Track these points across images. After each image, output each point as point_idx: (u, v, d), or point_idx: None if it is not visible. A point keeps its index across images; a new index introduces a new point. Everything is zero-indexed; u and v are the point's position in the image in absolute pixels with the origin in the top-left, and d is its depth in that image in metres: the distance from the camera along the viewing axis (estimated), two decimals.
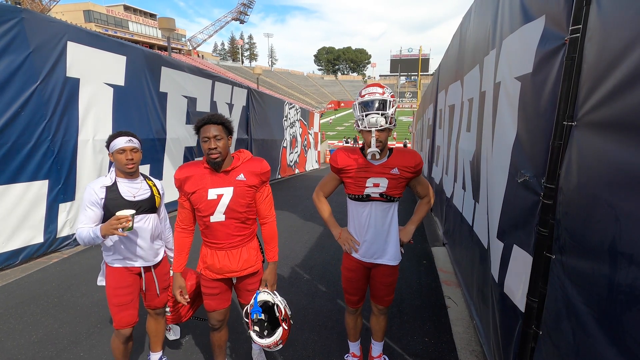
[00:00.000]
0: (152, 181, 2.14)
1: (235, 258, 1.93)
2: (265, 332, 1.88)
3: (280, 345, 1.87)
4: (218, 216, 1.85)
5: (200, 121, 1.81)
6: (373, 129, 1.80)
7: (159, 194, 2.13)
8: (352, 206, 2.07)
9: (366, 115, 1.82)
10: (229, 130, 1.85)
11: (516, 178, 1.74)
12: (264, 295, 1.91)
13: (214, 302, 1.99)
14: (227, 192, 1.84)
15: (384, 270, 2.08)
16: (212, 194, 1.83)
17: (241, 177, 1.87)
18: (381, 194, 1.95)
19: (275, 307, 1.90)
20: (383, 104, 1.82)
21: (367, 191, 1.95)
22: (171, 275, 2.24)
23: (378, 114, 1.80)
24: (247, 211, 1.91)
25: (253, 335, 1.87)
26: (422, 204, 2.14)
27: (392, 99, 1.85)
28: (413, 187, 2.08)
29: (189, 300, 2.00)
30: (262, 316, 1.88)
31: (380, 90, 1.85)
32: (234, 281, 2.04)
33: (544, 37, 1.50)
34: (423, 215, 2.14)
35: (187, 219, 1.94)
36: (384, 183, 1.93)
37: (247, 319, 1.91)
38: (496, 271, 2.05)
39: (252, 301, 1.91)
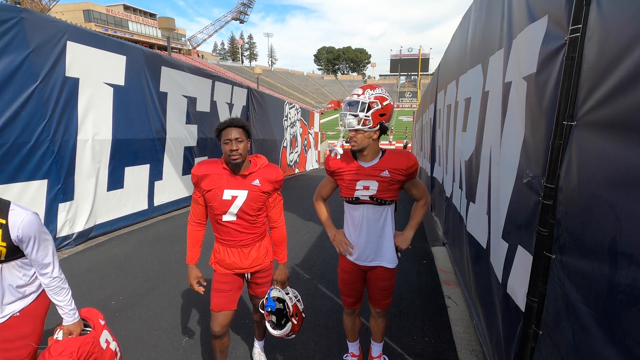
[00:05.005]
0: (5, 219, 1.47)
1: (244, 256, 2.02)
2: (283, 321, 2.04)
3: (293, 336, 2.04)
4: (230, 216, 1.94)
5: (222, 124, 1.87)
6: (342, 129, 1.90)
7: (9, 239, 1.48)
8: (346, 208, 2.07)
9: (344, 116, 1.89)
10: (248, 134, 1.93)
11: (523, 178, 1.73)
12: (276, 292, 2.04)
13: (222, 300, 2.01)
14: (242, 195, 1.91)
15: (379, 274, 2.06)
16: (227, 194, 1.90)
17: (256, 182, 1.94)
18: (371, 197, 1.92)
19: (285, 304, 2.01)
20: (360, 106, 1.83)
21: (356, 194, 1.95)
22: (30, 343, 1.81)
23: (352, 115, 1.83)
24: (257, 214, 1.99)
25: (268, 325, 2.02)
26: (417, 207, 2.09)
27: (371, 101, 1.82)
28: (408, 189, 2.04)
29: (203, 289, 2.05)
30: (276, 309, 2.05)
31: (360, 91, 1.87)
32: (248, 277, 2.11)
33: (546, 37, 1.49)
34: (420, 220, 2.09)
35: (200, 214, 2.04)
36: (373, 186, 1.91)
37: (263, 310, 2.04)
38: (500, 271, 2.04)
39: (266, 296, 2.05)
